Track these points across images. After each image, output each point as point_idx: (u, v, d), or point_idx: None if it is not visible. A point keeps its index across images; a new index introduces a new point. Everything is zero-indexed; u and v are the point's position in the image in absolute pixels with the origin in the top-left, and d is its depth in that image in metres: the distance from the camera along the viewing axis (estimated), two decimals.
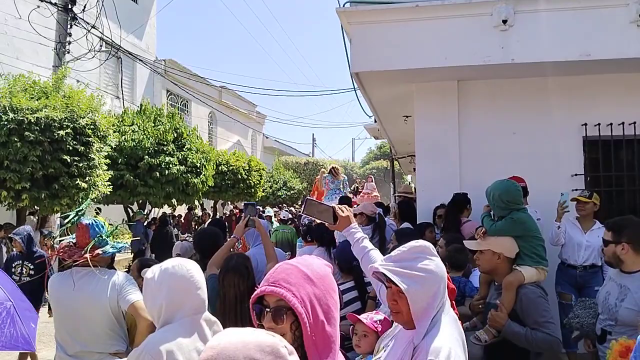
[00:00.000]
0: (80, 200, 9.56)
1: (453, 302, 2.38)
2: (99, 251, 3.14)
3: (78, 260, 3.10)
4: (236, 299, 2.84)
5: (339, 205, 2.47)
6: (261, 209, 14.46)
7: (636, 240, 2.98)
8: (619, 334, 2.85)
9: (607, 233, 3.12)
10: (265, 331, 1.19)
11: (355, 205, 7.14)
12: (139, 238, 12.50)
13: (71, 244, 3.22)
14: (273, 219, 13.86)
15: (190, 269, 2.21)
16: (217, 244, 3.91)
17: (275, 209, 18.58)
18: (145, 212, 15.11)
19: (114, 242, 3.31)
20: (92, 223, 3.21)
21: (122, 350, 3.21)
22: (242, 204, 19.99)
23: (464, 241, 3.45)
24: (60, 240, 3.29)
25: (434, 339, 1.73)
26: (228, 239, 3.98)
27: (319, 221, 2.52)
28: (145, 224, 14.40)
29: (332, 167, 9.75)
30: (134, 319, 3.18)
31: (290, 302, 1.36)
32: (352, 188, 13.31)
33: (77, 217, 3.30)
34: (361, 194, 12.99)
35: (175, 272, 2.17)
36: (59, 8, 12.17)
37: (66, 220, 3.34)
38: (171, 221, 14.98)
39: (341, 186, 9.55)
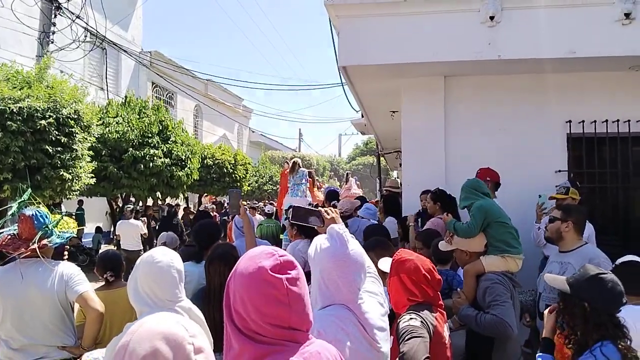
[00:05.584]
0: (63, 191, 9.46)
1: (438, 293, 2.40)
2: (45, 242, 3.08)
3: (25, 252, 3.03)
4: (221, 286, 2.83)
5: (325, 208, 2.50)
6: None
7: (579, 223, 3.51)
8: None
9: (557, 212, 3.63)
10: (187, 324, 1.18)
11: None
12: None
13: (13, 235, 3.12)
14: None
15: (171, 258, 2.23)
16: (215, 236, 3.92)
17: (260, 203, 18.52)
18: (133, 206, 14.98)
19: (60, 231, 3.24)
20: (35, 214, 3.12)
21: (71, 344, 3.17)
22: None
23: (438, 244, 3.54)
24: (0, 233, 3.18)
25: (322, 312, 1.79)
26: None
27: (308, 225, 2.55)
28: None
29: (293, 162, 9.69)
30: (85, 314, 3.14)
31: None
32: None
33: (18, 209, 3.20)
34: (343, 190, 12.94)
35: (154, 260, 2.19)
36: None
37: (9, 212, 3.25)
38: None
39: (303, 180, 9.45)
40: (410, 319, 2.21)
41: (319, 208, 2.58)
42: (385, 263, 2.52)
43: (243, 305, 1.29)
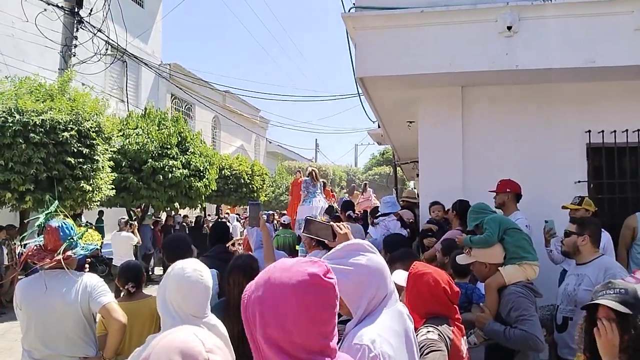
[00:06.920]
0: (84, 202, 9.59)
1: (456, 306, 2.38)
2: (70, 253, 3.10)
3: (50, 263, 3.04)
4: (240, 297, 2.85)
5: (337, 223, 2.49)
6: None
7: (594, 235, 3.52)
8: (579, 317, 3.16)
9: (572, 226, 3.64)
10: (203, 335, 1.19)
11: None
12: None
13: (39, 247, 3.16)
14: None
15: (201, 274, 2.23)
16: (184, 249, 3.80)
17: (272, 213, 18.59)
18: (153, 215, 15.10)
19: (85, 244, 3.26)
20: (61, 225, 3.15)
21: (92, 354, 3.18)
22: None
23: (456, 257, 3.52)
24: (26, 244, 3.21)
25: (364, 327, 1.71)
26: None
27: (318, 239, 2.54)
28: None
29: (312, 170, 9.74)
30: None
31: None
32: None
33: (45, 220, 3.23)
34: (362, 199, 12.95)
35: (184, 273, 2.19)
36: (66, 11, 12.27)
37: (36, 224, 3.27)
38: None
39: (318, 190, 9.49)
40: (428, 332, 2.19)
41: (332, 223, 2.55)
42: (400, 276, 2.50)
43: (284, 319, 1.21)
